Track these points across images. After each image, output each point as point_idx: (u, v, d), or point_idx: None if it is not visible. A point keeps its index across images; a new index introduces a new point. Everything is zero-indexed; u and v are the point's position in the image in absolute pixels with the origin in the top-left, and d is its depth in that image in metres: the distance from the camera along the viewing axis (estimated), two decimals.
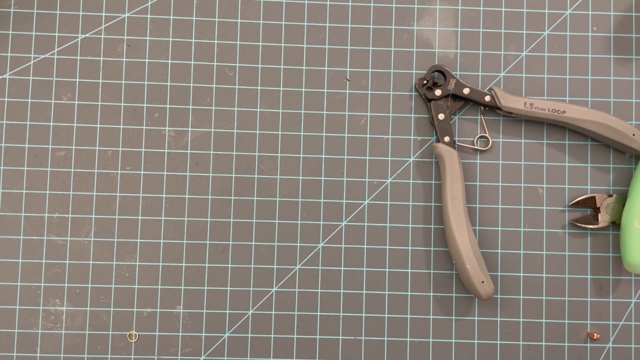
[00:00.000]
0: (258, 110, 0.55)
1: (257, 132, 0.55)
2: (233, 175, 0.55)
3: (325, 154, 0.55)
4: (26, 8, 0.55)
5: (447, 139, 0.54)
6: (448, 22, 0.56)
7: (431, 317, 0.54)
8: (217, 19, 0.56)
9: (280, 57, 0.56)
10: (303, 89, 0.55)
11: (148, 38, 0.55)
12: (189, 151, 0.55)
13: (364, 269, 0.54)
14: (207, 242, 0.54)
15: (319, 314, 0.54)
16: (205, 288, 0.54)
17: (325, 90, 0.56)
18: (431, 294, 0.54)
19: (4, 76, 0.55)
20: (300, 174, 0.55)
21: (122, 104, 0.55)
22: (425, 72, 0.55)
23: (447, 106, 0.54)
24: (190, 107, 0.55)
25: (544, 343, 0.54)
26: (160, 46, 0.55)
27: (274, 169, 0.55)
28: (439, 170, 0.55)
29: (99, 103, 0.55)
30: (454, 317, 0.54)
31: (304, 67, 0.56)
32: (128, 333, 0.53)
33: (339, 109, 0.55)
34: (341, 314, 0.54)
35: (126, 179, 0.54)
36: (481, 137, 0.55)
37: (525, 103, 0.53)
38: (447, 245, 0.54)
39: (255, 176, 0.55)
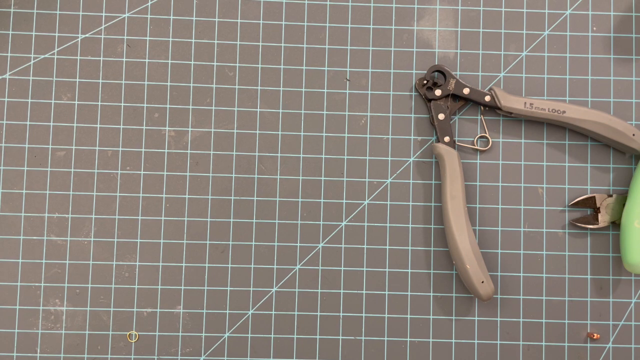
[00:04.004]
0: (258, 110, 0.55)
1: (257, 132, 0.55)
2: (233, 175, 0.55)
3: (325, 154, 0.55)
4: (26, 8, 0.55)
5: (447, 139, 0.54)
6: (448, 22, 0.56)
7: (431, 317, 0.54)
8: (217, 19, 0.56)
9: (280, 57, 0.56)
10: (303, 89, 0.55)
11: (148, 38, 0.55)
12: (189, 151, 0.55)
13: (364, 269, 0.54)
14: (207, 242, 0.54)
15: (319, 314, 0.54)
16: (205, 288, 0.54)
17: (325, 90, 0.56)
18: (431, 294, 0.54)
19: (4, 76, 0.55)
20: (300, 174, 0.55)
21: (122, 104, 0.55)
22: (425, 72, 0.55)
23: (447, 106, 0.54)
24: (190, 107, 0.55)
25: (544, 343, 0.54)
26: (160, 46, 0.55)
27: (274, 169, 0.55)
28: (439, 170, 0.55)
29: (99, 103, 0.55)
30: (454, 317, 0.54)
31: (304, 67, 0.56)
32: (128, 333, 0.53)
33: (339, 109, 0.55)
34: (341, 314, 0.54)
35: (126, 179, 0.54)
36: (481, 137, 0.55)
37: (525, 103, 0.53)
38: (447, 245, 0.54)
39: (255, 176, 0.55)
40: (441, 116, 0.54)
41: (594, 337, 0.54)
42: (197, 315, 0.54)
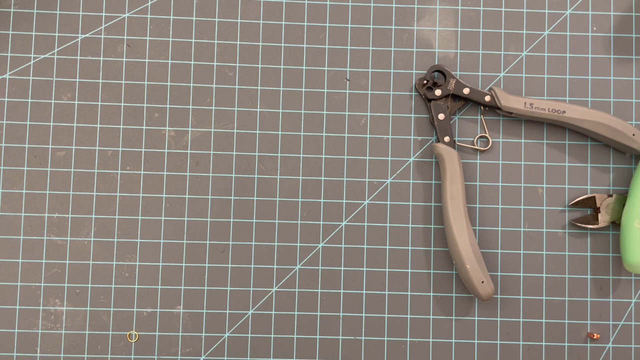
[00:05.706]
0: (258, 110, 0.55)
1: (257, 132, 0.55)
2: (233, 175, 0.55)
3: (325, 154, 0.55)
4: (26, 8, 0.55)
5: (447, 139, 0.54)
6: (448, 22, 0.56)
7: (431, 317, 0.54)
8: (217, 19, 0.56)
9: (280, 57, 0.56)
10: (303, 89, 0.55)
11: (148, 38, 0.55)
12: (189, 151, 0.55)
13: (364, 269, 0.54)
14: (207, 242, 0.54)
15: (319, 314, 0.54)
16: (205, 288, 0.54)
17: (325, 90, 0.56)
18: (431, 294, 0.54)
19: (4, 76, 0.55)
20: (300, 174, 0.55)
21: (122, 104, 0.55)
22: (425, 72, 0.55)
23: (447, 106, 0.54)
24: (190, 107, 0.55)
25: (544, 343, 0.54)
26: (160, 46, 0.55)
27: (274, 169, 0.55)
28: (439, 170, 0.55)
29: (99, 103, 0.55)
30: (454, 317, 0.54)
31: (304, 67, 0.56)
32: (128, 333, 0.53)
33: (339, 109, 0.55)
34: (341, 314, 0.54)
35: (126, 179, 0.54)
36: (481, 137, 0.55)
37: (525, 103, 0.53)
38: (447, 245, 0.54)
39: (255, 176, 0.55)
40: (441, 116, 0.54)
41: (594, 337, 0.54)
42: (197, 315, 0.54)
